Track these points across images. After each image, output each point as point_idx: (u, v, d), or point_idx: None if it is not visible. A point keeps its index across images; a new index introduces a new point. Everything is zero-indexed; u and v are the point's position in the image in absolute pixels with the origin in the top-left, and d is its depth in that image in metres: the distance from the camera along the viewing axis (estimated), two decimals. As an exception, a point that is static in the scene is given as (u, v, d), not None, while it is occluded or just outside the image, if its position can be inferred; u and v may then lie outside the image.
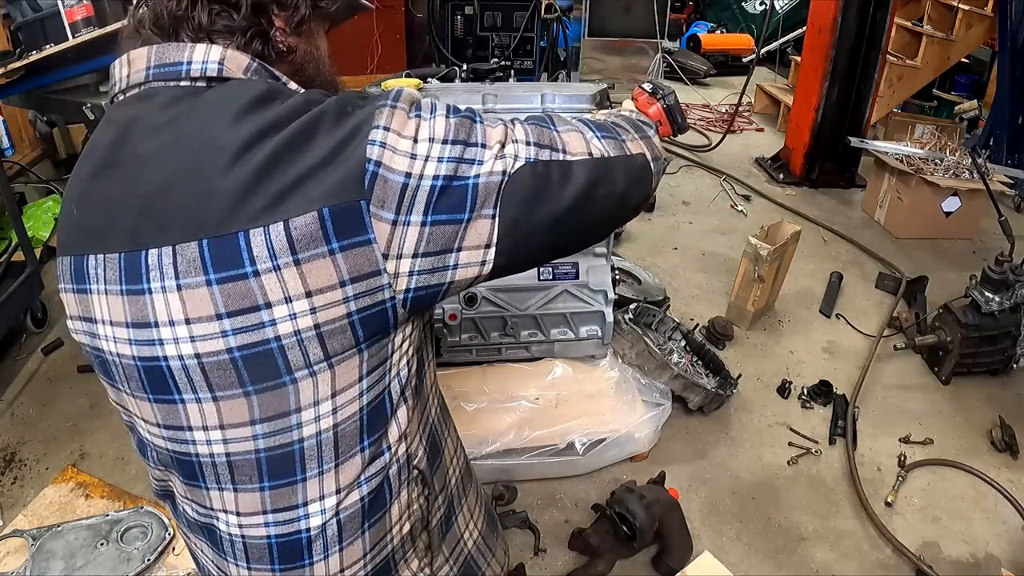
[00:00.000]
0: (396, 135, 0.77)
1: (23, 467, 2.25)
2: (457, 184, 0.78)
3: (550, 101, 2.25)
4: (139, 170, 0.78)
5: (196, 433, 0.82)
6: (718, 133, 5.03)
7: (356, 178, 0.74)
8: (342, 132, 0.77)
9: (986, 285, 2.69)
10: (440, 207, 0.77)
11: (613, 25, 5.81)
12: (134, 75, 0.83)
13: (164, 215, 0.76)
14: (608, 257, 2.40)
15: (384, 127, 0.77)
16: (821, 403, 2.66)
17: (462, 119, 0.82)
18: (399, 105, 0.80)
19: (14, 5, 2.78)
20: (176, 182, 0.76)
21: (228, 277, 0.74)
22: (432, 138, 0.78)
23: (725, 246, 3.71)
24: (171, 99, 0.81)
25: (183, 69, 0.81)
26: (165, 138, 0.78)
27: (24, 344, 2.75)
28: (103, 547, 1.71)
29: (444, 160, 0.78)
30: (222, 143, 0.75)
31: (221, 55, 0.82)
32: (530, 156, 0.83)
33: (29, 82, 2.28)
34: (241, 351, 0.76)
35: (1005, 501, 2.30)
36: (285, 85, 0.86)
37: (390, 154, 0.76)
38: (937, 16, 5.02)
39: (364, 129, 0.77)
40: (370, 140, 0.76)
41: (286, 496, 0.84)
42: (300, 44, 0.92)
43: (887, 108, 4.98)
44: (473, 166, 0.79)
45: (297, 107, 0.78)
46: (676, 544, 1.99)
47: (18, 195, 3.42)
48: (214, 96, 0.80)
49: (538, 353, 2.43)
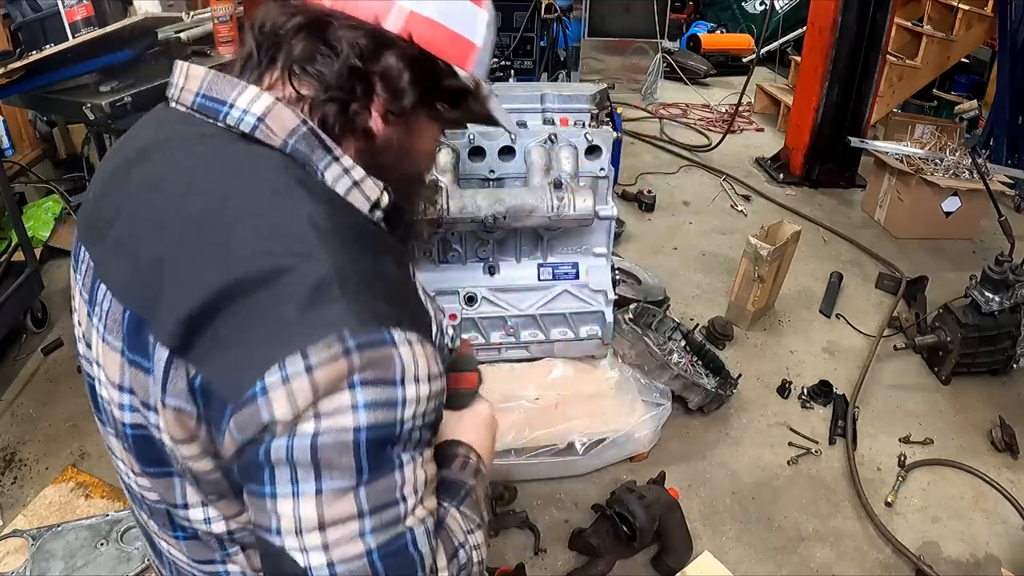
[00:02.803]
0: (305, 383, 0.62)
1: (23, 467, 2.25)
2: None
3: (550, 101, 2.25)
4: (133, 201, 0.74)
5: (119, 463, 0.82)
6: (718, 133, 5.03)
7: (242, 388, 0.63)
8: (286, 328, 0.62)
9: (986, 285, 2.69)
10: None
11: (613, 25, 5.82)
12: (184, 94, 0.77)
13: (118, 262, 0.72)
14: (608, 257, 2.40)
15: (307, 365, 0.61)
16: (821, 403, 2.66)
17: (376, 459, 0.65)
18: (355, 356, 0.62)
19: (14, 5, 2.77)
20: (141, 236, 0.71)
21: (135, 362, 0.69)
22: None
23: (725, 246, 3.71)
24: (198, 143, 0.74)
25: (223, 112, 0.73)
26: (163, 185, 0.73)
27: (24, 344, 2.74)
28: (103, 547, 1.71)
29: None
30: (187, 231, 0.67)
31: (265, 109, 0.72)
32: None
33: (29, 82, 2.27)
34: (133, 429, 0.73)
35: (1005, 501, 2.30)
36: (336, 160, 0.74)
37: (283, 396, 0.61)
38: (937, 16, 5.02)
39: (291, 344, 0.61)
40: (281, 363, 0.61)
41: (202, 551, 0.80)
42: (390, 131, 0.79)
43: (887, 108, 4.98)
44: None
45: (288, 251, 0.65)
46: (676, 544, 1.99)
47: (18, 195, 3.41)
48: (230, 169, 0.71)
49: (538, 353, 2.43)
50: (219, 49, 2.75)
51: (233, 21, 2.75)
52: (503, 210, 2.08)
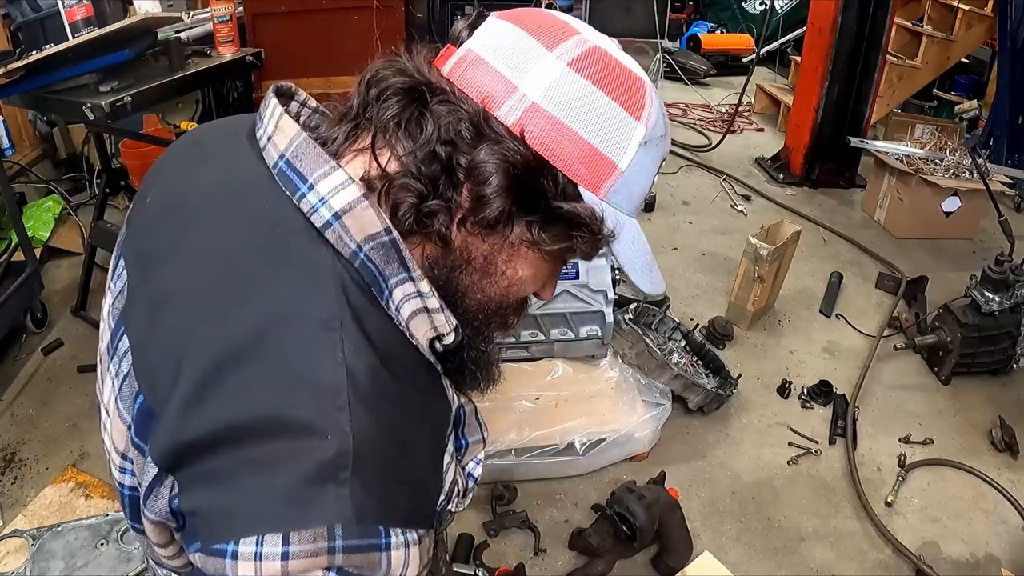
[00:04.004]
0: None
1: (23, 467, 2.25)
2: None
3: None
4: (187, 254, 0.66)
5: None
6: (718, 133, 5.02)
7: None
8: (277, 501, 0.55)
9: (986, 285, 2.69)
10: None
11: (613, 25, 5.81)
12: (271, 147, 0.66)
13: (153, 327, 0.65)
14: (608, 257, 2.40)
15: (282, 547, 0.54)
16: (821, 403, 2.66)
17: None
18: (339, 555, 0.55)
19: (14, 5, 2.77)
20: (178, 320, 0.63)
21: (139, 446, 0.64)
22: None
23: (725, 246, 3.71)
24: (265, 219, 0.64)
25: (300, 191, 0.62)
26: (218, 257, 0.64)
27: (24, 344, 2.74)
28: (103, 547, 1.71)
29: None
30: (225, 350, 0.59)
31: (347, 205, 0.61)
32: None
33: (29, 82, 2.27)
34: (130, 491, 0.70)
35: (1005, 501, 2.30)
36: (411, 280, 0.63)
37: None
38: (937, 16, 5.02)
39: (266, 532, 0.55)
40: (259, 538, 0.55)
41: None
42: (473, 243, 0.67)
43: (887, 108, 4.98)
44: None
45: (314, 410, 0.57)
46: (676, 544, 1.99)
47: (18, 195, 3.41)
48: (285, 272, 0.62)
49: (538, 353, 2.43)
50: (219, 49, 2.75)
51: (233, 21, 2.75)
52: (503, 210, 2.08)
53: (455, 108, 0.62)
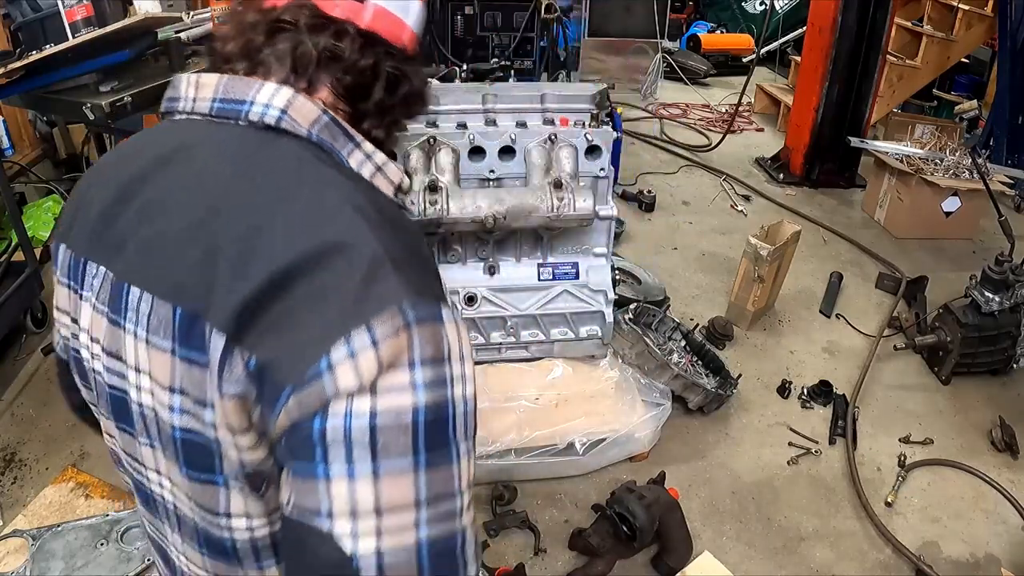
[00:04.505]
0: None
1: (23, 467, 2.25)
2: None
3: (550, 101, 2.25)
4: (157, 205, 0.74)
5: (150, 472, 0.80)
6: (718, 133, 5.03)
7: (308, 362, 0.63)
8: (349, 303, 0.63)
9: (986, 285, 2.69)
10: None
11: (613, 25, 5.81)
12: (200, 103, 0.76)
13: (155, 262, 0.71)
14: (608, 257, 2.40)
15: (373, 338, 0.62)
16: (821, 403, 2.66)
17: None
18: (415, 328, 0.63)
19: (14, 5, 2.78)
20: (175, 237, 0.71)
21: (189, 358, 0.68)
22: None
23: (725, 246, 3.71)
24: (223, 143, 0.75)
25: (244, 110, 0.74)
26: (192, 178, 0.73)
27: (24, 344, 2.74)
28: (103, 547, 1.71)
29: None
30: (235, 220, 0.68)
31: (287, 102, 0.73)
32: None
33: (29, 82, 2.27)
34: (184, 432, 0.71)
35: (1005, 501, 2.30)
36: (358, 146, 0.77)
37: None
38: (937, 16, 5.02)
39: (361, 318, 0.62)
40: (347, 337, 0.61)
41: (227, 569, 0.78)
42: (386, 121, 0.84)
43: (887, 108, 4.98)
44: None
45: (338, 231, 0.66)
46: (676, 544, 1.99)
47: (18, 195, 3.41)
48: (261, 154, 0.73)
49: (538, 353, 2.43)
50: (219, 49, 2.75)
51: (233, 21, 2.75)
52: (503, 210, 2.08)
53: (342, 27, 0.77)
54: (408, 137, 2.13)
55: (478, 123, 2.20)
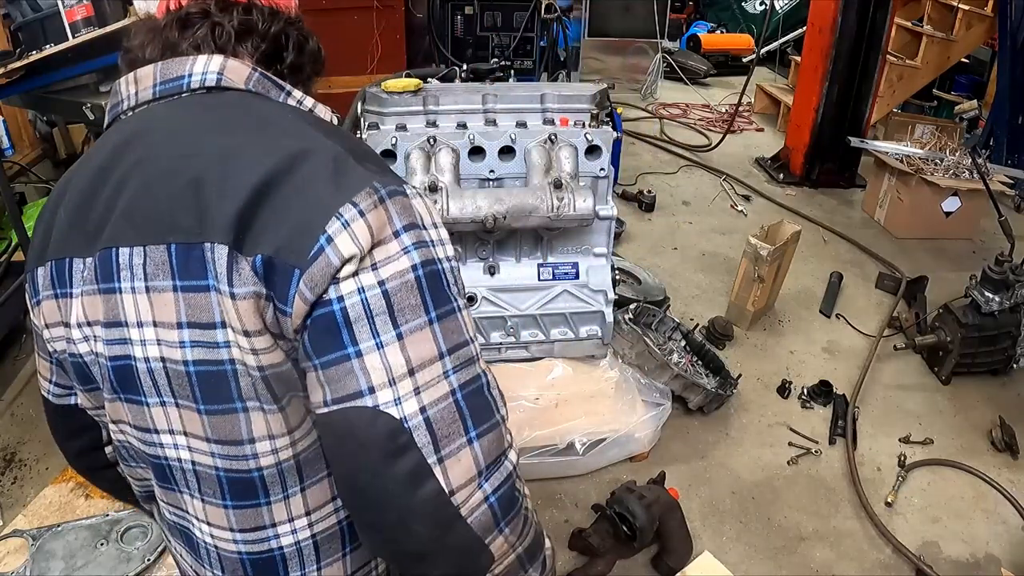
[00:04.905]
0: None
1: (23, 467, 2.25)
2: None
3: (550, 101, 2.25)
4: (129, 174, 0.78)
5: (163, 436, 0.81)
6: (718, 133, 5.03)
7: (305, 245, 0.70)
8: (328, 190, 0.72)
9: (986, 285, 2.69)
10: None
11: (613, 25, 5.81)
12: (142, 93, 0.83)
13: (140, 215, 0.75)
14: (608, 257, 2.40)
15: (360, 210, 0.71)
16: (821, 403, 2.66)
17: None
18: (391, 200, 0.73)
19: (14, 5, 2.77)
20: (156, 184, 0.75)
21: (191, 287, 0.72)
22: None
23: (725, 246, 3.71)
24: (176, 112, 0.81)
25: (184, 82, 0.81)
26: (156, 140, 0.79)
27: (24, 344, 2.74)
28: (103, 547, 1.71)
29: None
30: (209, 153, 0.75)
31: (221, 66, 0.81)
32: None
33: (29, 82, 2.28)
34: (196, 366, 0.74)
35: (1005, 501, 2.30)
36: (289, 93, 0.86)
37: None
38: (937, 16, 5.02)
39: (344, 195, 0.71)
40: (338, 214, 0.70)
41: (251, 517, 0.81)
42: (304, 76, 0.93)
43: (887, 108, 4.98)
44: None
45: (301, 141, 0.76)
46: (676, 544, 1.99)
47: (18, 195, 3.41)
48: (211, 102, 0.81)
49: (538, 353, 2.43)
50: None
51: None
52: (503, 210, 2.08)
53: (228, 7, 0.85)
54: (408, 137, 2.13)
55: (478, 123, 2.20)
